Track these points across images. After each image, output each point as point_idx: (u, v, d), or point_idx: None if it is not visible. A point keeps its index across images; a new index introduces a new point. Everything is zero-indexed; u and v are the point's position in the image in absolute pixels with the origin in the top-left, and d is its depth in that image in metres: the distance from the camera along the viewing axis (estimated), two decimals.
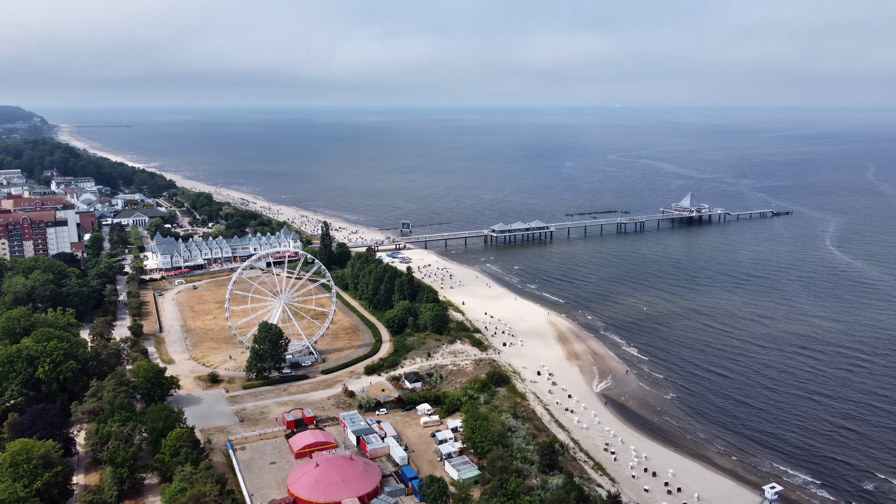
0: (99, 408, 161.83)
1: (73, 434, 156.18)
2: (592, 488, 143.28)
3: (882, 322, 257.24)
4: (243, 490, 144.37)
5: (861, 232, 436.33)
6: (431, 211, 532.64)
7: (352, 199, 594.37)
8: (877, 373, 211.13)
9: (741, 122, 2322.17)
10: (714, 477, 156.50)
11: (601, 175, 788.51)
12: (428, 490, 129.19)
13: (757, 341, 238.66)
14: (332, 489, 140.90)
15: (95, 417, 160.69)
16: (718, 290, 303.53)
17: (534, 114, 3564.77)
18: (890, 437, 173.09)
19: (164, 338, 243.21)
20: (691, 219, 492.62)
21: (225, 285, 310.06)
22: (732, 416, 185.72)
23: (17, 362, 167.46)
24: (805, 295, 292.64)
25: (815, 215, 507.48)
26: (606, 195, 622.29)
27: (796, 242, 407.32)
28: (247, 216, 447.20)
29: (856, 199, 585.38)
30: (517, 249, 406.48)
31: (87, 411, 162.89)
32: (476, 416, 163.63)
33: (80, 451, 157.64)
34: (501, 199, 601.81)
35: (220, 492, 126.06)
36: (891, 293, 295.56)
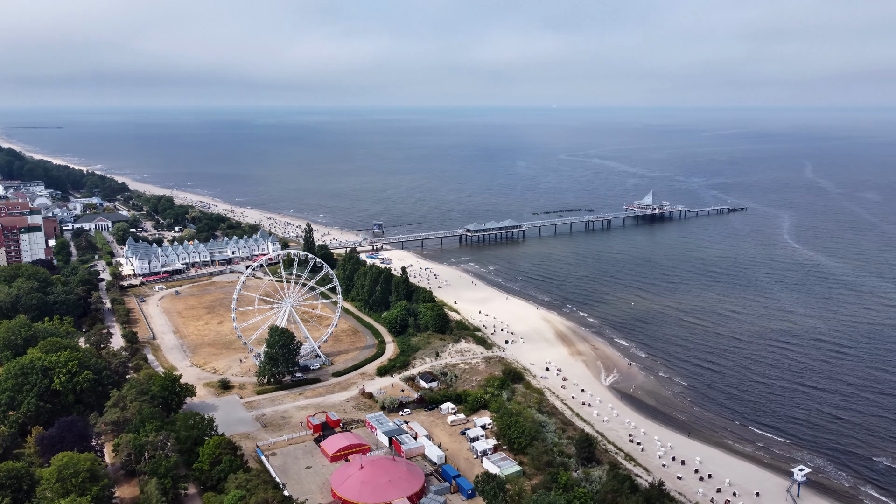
0: (124, 418, 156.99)
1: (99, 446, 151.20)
2: (633, 478, 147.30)
3: (854, 314, 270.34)
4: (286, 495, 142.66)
5: (814, 227, 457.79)
6: (397, 212, 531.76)
7: (314, 201, 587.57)
8: (857, 362, 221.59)
9: (681, 122, 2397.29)
10: (738, 463, 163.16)
11: (556, 174, 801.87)
12: (487, 487, 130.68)
13: (741, 336, 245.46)
14: (380, 490, 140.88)
15: (121, 428, 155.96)
16: (695, 286, 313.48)
17: (479, 114, 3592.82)
18: (883, 422, 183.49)
19: (160, 345, 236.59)
20: (654, 216, 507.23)
21: (208, 290, 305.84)
22: (735, 407, 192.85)
23: (31, 374, 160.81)
24: (778, 290, 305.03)
25: (768, 211, 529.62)
26: (566, 194, 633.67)
27: (757, 238, 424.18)
28: (215, 219, 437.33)
29: (801, 196, 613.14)
30: (492, 248, 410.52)
31: (110, 422, 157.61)
32: (508, 412, 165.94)
33: (108, 462, 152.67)
34: (464, 199, 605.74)
35: (282, 498, 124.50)
36: (855, 285, 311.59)
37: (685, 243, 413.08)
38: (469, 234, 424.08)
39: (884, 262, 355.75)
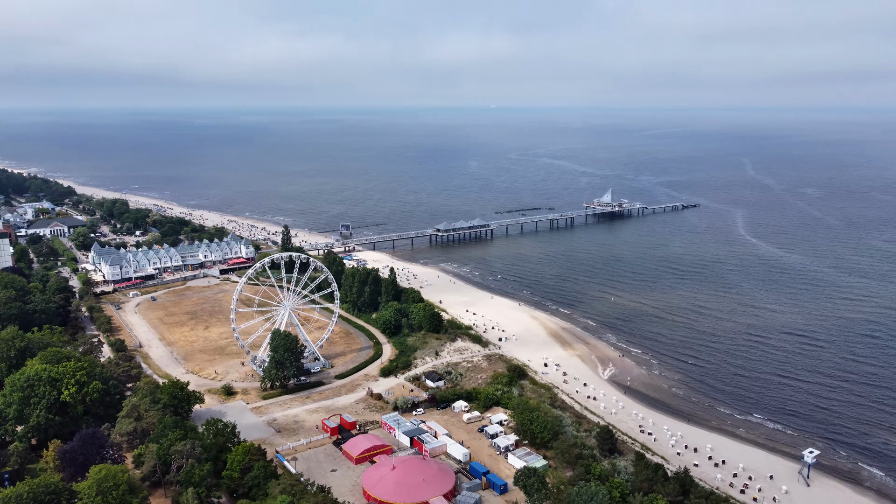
0: (141, 428, 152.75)
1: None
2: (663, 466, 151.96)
3: (820, 307, 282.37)
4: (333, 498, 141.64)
5: (767, 223, 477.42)
6: (359, 213, 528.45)
7: (272, 204, 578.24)
8: (830, 353, 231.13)
9: (622, 122, 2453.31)
10: (747, 449, 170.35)
11: (510, 174, 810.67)
12: (530, 481, 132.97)
13: (718, 331, 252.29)
14: (416, 490, 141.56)
15: (138, 438, 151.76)
16: (667, 283, 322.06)
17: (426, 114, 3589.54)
18: (866, 409, 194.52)
19: (148, 353, 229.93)
20: (613, 213, 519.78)
21: (185, 295, 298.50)
22: (729, 397, 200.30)
23: (38, 386, 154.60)
24: (746, 285, 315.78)
25: (720, 208, 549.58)
26: (523, 193, 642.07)
27: (716, 234, 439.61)
28: (177, 223, 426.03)
29: (748, 193, 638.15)
30: (463, 248, 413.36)
31: (126, 433, 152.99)
32: (527, 408, 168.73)
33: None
34: (423, 199, 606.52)
35: (331, 502, 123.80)
36: (815, 278, 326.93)
37: (649, 241, 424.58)
38: (439, 233, 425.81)
39: (838, 255, 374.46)
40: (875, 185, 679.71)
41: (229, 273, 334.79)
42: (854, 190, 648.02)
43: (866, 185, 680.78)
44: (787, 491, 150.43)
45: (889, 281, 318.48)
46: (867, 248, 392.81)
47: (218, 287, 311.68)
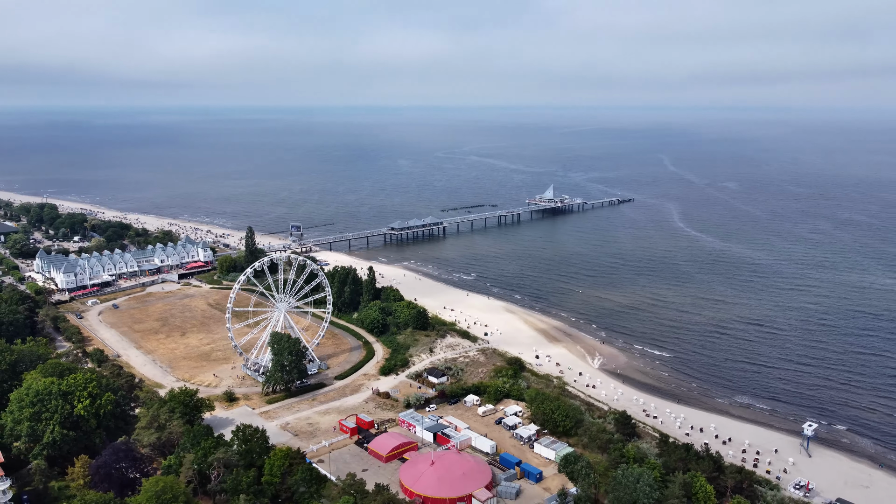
0: (166, 438, 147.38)
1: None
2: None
3: (773, 295, 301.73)
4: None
5: (701, 216, 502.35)
6: (304, 214, 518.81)
7: (208, 206, 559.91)
8: (793, 340, 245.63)
9: (539, 120, 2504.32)
10: (746, 426, 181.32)
11: (443, 172, 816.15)
12: (577, 467, 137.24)
13: (684, 322, 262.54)
14: (459, 484, 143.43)
15: (165, 449, 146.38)
16: (626, 277, 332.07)
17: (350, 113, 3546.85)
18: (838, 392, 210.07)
19: (128, 362, 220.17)
20: (556, 209, 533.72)
21: (149, 302, 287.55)
22: (715, 381, 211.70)
23: (50, 400, 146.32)
24: (700, 276, 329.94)
25: (653, 202, 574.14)
26: (462, 191, 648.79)
27: (658, 228, 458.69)
28: (119, 227, 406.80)
29: (674, 188, 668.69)
30: (418, 246, 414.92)
31: (148, 444, 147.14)
32: (546, 398, 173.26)
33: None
34: (364, 199, 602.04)
35: (393, 498, 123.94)
36: (762, 268, 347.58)
37: (599, 236, 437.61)
38: (394, 232, 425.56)
39: (773, 246, 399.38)
40: (787, 179, 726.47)
41: (188, 277, 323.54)
42: (770, 184, 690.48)
43: (780, 179, 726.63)
44: (793, 462, 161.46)
45: (825, 268, 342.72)
46: (797, 237, 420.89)
47: (181, 292, 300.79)
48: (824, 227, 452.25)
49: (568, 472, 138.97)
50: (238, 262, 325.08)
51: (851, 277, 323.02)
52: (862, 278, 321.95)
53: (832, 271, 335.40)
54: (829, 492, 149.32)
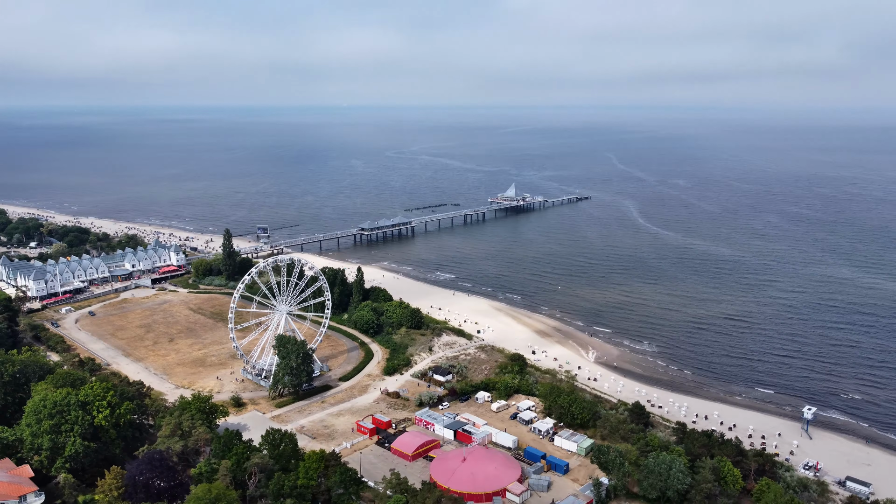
0: (195, 447, 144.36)
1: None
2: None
3: (745, 289, 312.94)
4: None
5: (659, 213, 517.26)
6: (265, 216, 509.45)
7: (164, 209, 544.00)
8: (772, 330, 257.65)
9: (481, 120, 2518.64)
10: (746, 413, 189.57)
11: (398, 172, 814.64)
12: (611, 457, 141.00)
13: (669, 319, 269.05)
14: (492, 479, 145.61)
15: (191, 456, 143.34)
16: (600, 273, 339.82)
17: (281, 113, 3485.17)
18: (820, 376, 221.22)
19: (119, 371, 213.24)
20: (519, 207, 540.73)
21: (127, 308, 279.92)
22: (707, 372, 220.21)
23: (69, 411, 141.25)
24: (672, 271, 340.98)
25: (610, 199, 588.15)
26: (422, 191, 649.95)
27: (621, 225, 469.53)
28: (78, 232, 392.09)
29: (627, 185, 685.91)
30: (390, 246, 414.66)
31: (176, 452, 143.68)
32: (561, 392, 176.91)
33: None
34: (325, 200, 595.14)
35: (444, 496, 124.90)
36: (730, 262, 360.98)
37: (566, 234, 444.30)
38: (364, 232, 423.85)
39: (734, 240, 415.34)
40: (732, 176, 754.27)
41: (162, 282, 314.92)
42: (716, 181, 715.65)
43: (725, 176, 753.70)
44: (798, 445, 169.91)
45: (787, 262, 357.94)
46: (753, 232, 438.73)
47: (159, 297, 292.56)
48: (776, 222, 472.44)
49: (601, 462, 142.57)
50: (214, 266, 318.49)
51: (813, 270, 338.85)
52: (822, 270, 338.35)
53: (793, 265, 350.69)
54: (835, 471, 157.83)
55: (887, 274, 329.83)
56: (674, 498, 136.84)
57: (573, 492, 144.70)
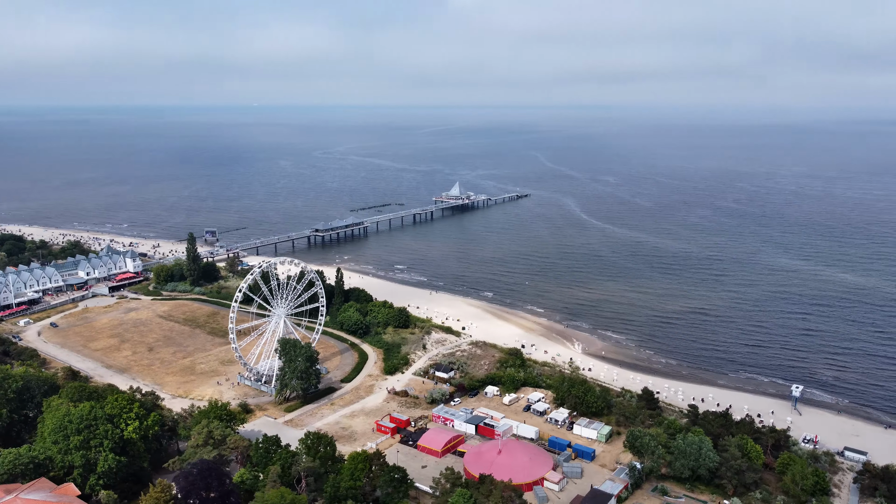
0: (226, 455, 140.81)
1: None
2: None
3: (702, 281, 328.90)
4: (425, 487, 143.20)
5: (601, 209, 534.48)
6: (210, 220, 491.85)
7: (95, 215, 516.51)
8: (738, 321, 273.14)
9: (400, 120, 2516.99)
10: (738, 394, 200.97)
11: (331, 173, 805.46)
12: (645, 440, 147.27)
13: (636, 312, 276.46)
14: (529, 469, 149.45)
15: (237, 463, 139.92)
16: (562, 269, 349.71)
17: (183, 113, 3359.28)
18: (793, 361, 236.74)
19: (105, 383, 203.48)
20: (464, 206, 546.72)
21: (90, 318, 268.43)
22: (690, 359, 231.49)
23: (97, 425, 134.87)
24: (633, 266, 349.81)
25: (548, 196, 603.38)
26: (362, 191, 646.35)
27: (568, 222, 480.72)
28: (14, 241, 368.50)
29: (561, 182, 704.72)
30: (345, 246, 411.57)
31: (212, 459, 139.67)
32: (574, 383, 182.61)
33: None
34: (264, 203, 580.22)
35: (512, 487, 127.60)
36: (681, 255, 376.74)
37: (518, 232, 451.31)
38: (318, 233, 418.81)
39: (679, 234, 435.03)
40: (655, 172, 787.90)
41: (120, 289, 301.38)
42: (643, 177, 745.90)
43: (649, 172, 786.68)
44: (791, 421, 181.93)
45: (731, 255, 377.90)
46: (692, 225, 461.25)
47: (123, 306, 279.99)
48: (709, 216, 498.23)
49: (635, 446, 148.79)
50: (176, 271, 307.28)
51: (757, 262, 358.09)
52: (765, 261, 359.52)
53: (738, 257, 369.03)
54: (832, 443, 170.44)
55: (825, 263, 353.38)
56: (705, 476, 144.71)
57: (609, 476, 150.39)
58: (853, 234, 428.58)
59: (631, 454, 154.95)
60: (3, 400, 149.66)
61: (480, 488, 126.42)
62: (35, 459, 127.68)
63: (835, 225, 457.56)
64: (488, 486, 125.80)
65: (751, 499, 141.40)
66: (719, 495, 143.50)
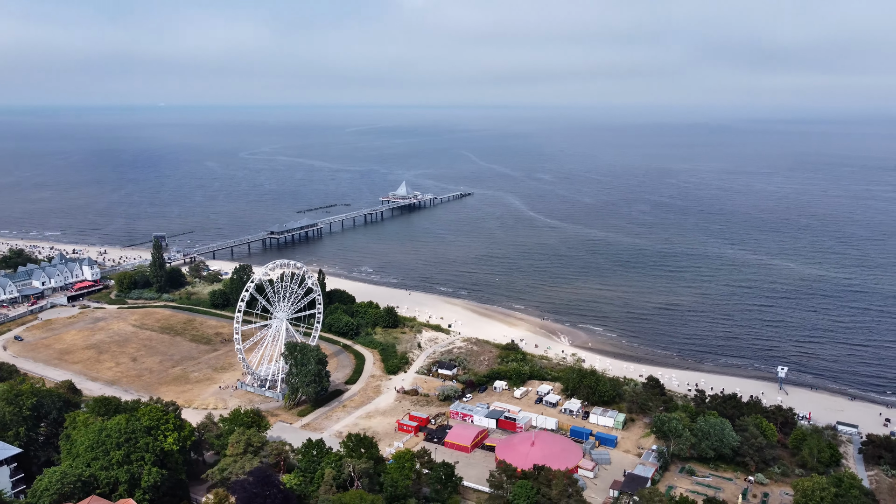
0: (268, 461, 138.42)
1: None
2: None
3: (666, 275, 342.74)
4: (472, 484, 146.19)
5: (547, 207, 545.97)
6: (154, 225, 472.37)
7: (23, 222, 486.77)
8: (706, 314, 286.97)
9: (322, 119, 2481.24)
10: (728, 379, 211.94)
11: (266, 175, 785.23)
12: (672, 424, 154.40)
13: (610, 308, 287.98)
14: (563, 458, 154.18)
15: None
16: (524, 266, 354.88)
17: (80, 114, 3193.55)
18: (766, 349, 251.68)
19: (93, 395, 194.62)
20: (412, 205, 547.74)
21: (56, 329, 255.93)
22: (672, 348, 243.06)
23: (137, 437, 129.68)
24: (594, 260, 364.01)
25: (491, 195, 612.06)
26: (303, 192, 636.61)
27: (519, 220, 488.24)
28: None
29: (499, 181, 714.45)
30: (303, 247, 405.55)
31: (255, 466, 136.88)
32: (585, 374, 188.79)
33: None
34: (205, 206, 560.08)
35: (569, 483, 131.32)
36: (638, 250, 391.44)
37: (471, 229, 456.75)
38: (274, 236, 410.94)
39: (627, 229, 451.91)
40: (589, 169, 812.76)
41: (80, 299, 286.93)
42: (576, 175, 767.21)
43: (581, 170, 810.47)
44: (781, 400, 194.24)
45: (683, 249, 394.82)
46: (637, 221, 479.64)
47: (89, 316, 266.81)
48: (649, 210, 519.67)
49: (662, 430, 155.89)
50: (139, 278, 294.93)
51: (710, 254, 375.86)
52: (717, 252, 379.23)
53: (690, 250, 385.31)
54: (823, 418, 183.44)
55: (770, 255, 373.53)
56: (728, 455, 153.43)
57: (635, 461, 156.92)
58: (786, 226, 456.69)
59: (653, 438, 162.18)
60: (20, 418, 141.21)
61: (538, 478, 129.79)
62: (81, 477, 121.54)
63: (766, 218, 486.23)
64: (546, 476, 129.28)
65: (771, 473, 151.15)
66: (743, 472, 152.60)
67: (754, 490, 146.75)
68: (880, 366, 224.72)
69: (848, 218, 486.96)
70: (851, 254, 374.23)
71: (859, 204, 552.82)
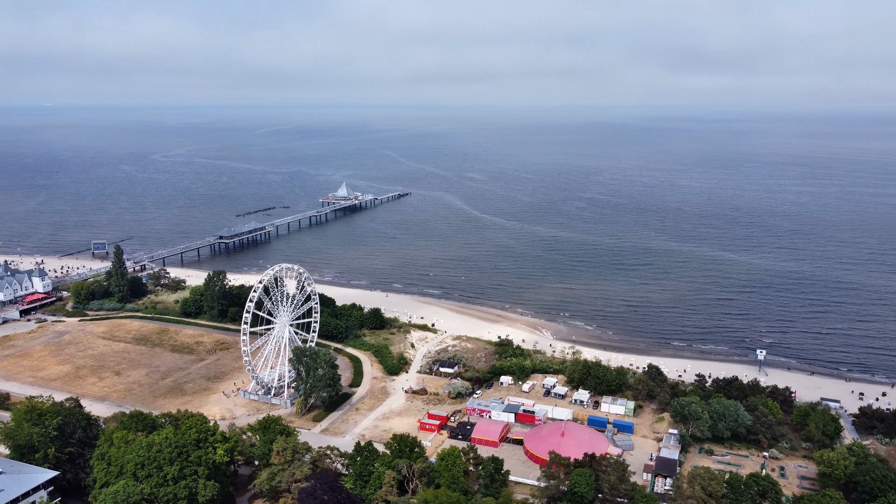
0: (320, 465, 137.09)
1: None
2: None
3: (632, 274, 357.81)
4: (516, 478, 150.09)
5: (491, 205, 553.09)
6: (83, 233, 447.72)
7: None
8: (671, 309, 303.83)
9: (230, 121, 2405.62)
10: (712, 364, 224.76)
11: (190, 178, 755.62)
12: (692, 408, 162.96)
13: (581, 301, 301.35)
14: (591, 447, 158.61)
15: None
16: (486, 266, 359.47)
17: None
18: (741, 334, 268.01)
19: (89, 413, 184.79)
20: (354, 206, 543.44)
21: (17, 346, 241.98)
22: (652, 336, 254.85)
23: (188, 451, 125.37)
24: (556, 259, 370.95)
25: (430, 194, 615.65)
26: (236, 194, 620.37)
27: (468, 220, 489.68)
28: None
29: (433, 181, 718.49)
30: (254, 252, 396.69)
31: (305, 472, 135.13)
32: (591, 366, 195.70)
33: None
34: (136, 213, 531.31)
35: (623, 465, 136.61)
36: (592, 247, 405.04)
37: (420, 229, 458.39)
38: (223, 240, 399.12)
39: (575, 226, 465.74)
40: (519, 169, 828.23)
41: (33, 312, 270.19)
42: (505, 173, 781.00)
43: (509, 169, 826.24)
44: (763, 381, 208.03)
45: (633, 244, 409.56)
46: (581, 217, 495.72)
47: (50, 329, 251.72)
48: (587, 207, 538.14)
49: (682, 414, 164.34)
50: (98, 289, 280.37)
51: (659, 247, 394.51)
52: (665, 246, 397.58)
53: (641, 246, 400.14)
54: (807, 396, 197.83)
55: (715, 248, 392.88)
56: (742, 434, 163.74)
57: (654, 445, 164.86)
58: (717, 220, 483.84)
59: (666, 422, 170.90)
60: (47, 439, 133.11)
61: (593, 466, 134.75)
62: (143, 495, 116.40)
63: (697, 212, 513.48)
64: (601, 464, 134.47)
65: (781, 448, 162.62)
66: (756, 449, 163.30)
67: (771, 465, 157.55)
68: (845, 347, 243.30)
69: (769, 210, 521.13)
70: (786, 245, 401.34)
71: (774, 197, 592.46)
